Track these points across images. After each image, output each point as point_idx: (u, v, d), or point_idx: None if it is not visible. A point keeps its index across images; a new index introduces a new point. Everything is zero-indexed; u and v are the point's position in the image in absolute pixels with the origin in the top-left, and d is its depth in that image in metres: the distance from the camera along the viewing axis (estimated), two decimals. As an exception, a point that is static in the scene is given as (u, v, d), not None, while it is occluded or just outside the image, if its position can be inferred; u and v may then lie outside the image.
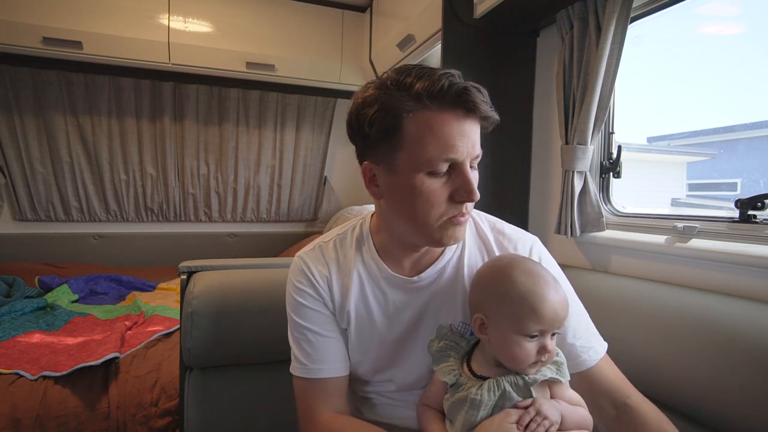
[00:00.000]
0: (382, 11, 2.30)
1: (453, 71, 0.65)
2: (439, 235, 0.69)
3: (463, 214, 0.68)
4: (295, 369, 0.78)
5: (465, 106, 0.64)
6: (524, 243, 0.80)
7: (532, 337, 0.62)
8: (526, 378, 0.63)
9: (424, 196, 0.66)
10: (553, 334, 0.64)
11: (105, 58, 2.19)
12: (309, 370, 0.76)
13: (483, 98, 0.65)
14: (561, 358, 0.67)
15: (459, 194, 0.66)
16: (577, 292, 0.83)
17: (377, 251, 0.78)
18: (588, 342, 0.76)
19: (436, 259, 0.77)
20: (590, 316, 0.87)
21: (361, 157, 0.73)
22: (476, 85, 0.65)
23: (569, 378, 0.66)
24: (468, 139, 0.65)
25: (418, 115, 0.64)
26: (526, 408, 0.61)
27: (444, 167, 0.65)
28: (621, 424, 0.71)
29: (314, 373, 0.76)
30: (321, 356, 0.76)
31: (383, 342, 0.78)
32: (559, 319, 0.63)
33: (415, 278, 0.76)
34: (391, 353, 0.78)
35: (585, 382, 0.74)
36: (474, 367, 0.68)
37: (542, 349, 0.62)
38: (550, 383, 0.65)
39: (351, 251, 0.79)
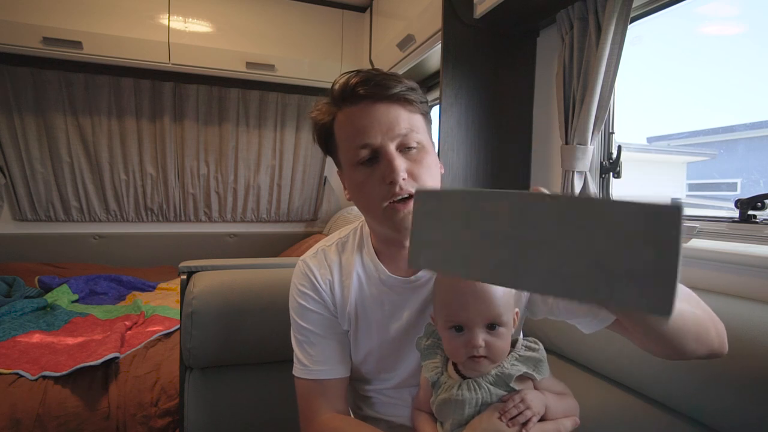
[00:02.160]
0: (382, 11, 2.30)
1: (362, 70, 0.70)
2: (389, 222, 0.70)
3: (397, 197, 0.67)
4: (296, 370, 0.79)
5: (366, 95, 0.68)
6: None
7: (458, 330, 0.63)
8: (503, 374, 0.63)
9: (360, 187, 0.71)
10: (494, 327, 0.62)
11: (105, 58, 2.19)
12: (310, 371, 0.77)
13: (389, 83, 0.67)
14: (539, 354, 0.66)
15: (386, 176, 0.67)
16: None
17: (376, 253, 0.79)
18: None
19: None
20: (590, 316, 0.87)
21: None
22: (382, 73, 0.69)
23: (547, 375, 0.66)
24: (380, 123, 0.67)
25: (338, 115, 0.72)
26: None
27: (365, 155, 0.68)
28: None
29: (315, 375, 0.77)
30: (322, 358, 0.78)
31: (384, 342, 0.79)
32: (471, 312, 0.62)
33: (412, 278, 0.77)
34: (392, 353, 0.79)
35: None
36: (459, 366, 0.68)
37: (468, 343, 0.62)
38: (531, 378, 0.65)
39: (352, 254, 0.81)
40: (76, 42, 2.10)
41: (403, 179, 0.67)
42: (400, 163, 0.67)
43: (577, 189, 1.24)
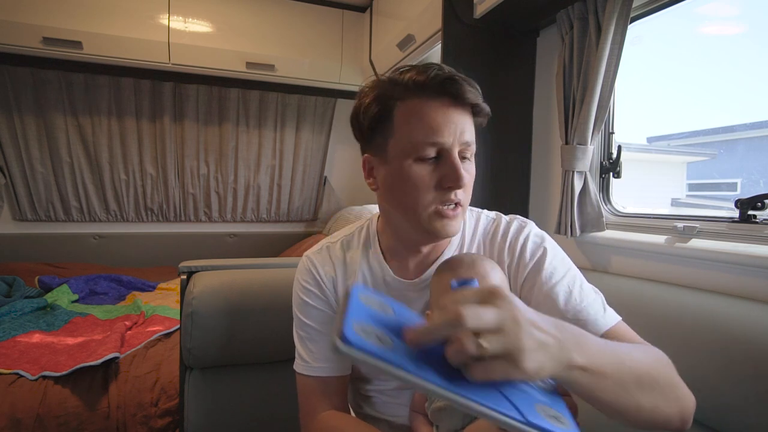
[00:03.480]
0: (382, 11, 2.30)
1: (444, 66, 0.68)
2: (430, 225, 0.69)
3: (450, 203, 0.67)
4: (298, 366, 0.79)
5: (450, 93, 0.66)
6: (516, 234, 0.76)
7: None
8: None
9: (412, 182, 0.67)
10: None
11: (105, 58, 2.19)
12: (311, 368, 0.77)
13: (470, 88, 0.66)
14: None
15: (446, 180, 0.66)
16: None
17: (383, 252, 0.79)
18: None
19: (437, 259, 0.77)
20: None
21: (362, 149, 0.75)
22: (465, 77, 0.67)
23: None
24: (455, 126, 0.66)
25: (407, 102, 0.67)
26: None
27: (431, 152, 0.66)
28: None
29: (316, 371, 0.77)
30: (323, 355, 0.77)
31: None
32: None
33: (417, 280, 0.76)
34: None
35: None
36: None
37: None
38: None
39: (357, 253, 0.80)
40: (76, 42, 2.10)
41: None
42: (464, 171, 0.67)
43: (577, 189, 1.24)
